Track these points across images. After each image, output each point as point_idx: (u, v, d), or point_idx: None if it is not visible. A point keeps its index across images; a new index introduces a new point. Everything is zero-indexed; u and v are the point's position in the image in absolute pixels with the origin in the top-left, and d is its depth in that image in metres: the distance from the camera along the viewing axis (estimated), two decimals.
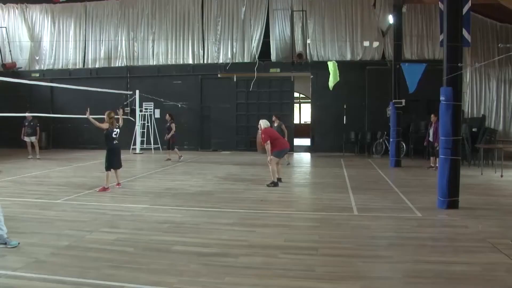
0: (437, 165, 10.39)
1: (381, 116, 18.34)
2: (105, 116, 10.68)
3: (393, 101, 15.38)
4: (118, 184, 10.92)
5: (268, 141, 11.17)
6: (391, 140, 15.65)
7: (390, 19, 17.22)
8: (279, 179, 11.58)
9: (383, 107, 18.03)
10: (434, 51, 19.73)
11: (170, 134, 16.74)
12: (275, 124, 15.23)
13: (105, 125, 10.49)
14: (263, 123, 11.57)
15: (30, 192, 10.32)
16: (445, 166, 8.32)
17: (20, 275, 4.96)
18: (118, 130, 10.69)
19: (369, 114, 19.84)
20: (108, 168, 10.56)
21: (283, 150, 11.51)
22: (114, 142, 10.61)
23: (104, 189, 10.35)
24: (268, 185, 11.13)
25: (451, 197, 8.29)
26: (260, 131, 11.74)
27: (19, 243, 5.99)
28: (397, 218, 7.64)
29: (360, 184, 11.43)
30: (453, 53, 8.35)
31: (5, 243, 5.95)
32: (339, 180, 12.13)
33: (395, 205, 8.82)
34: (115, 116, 10.78)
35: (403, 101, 15.33)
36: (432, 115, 14.20)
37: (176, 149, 16.95)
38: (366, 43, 19.80)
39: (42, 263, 5.35)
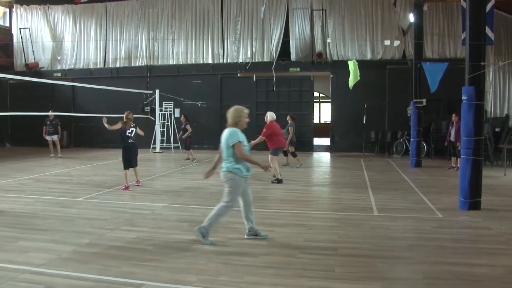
0: (458, 165, 10.28)
1: (402, 116, 18.17)
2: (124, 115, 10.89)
3: (414, 100, 15.23)
4: (138, 181, 11.12)
5: (264, 137, 11.44)
6: (411, 140, 15.50)
7: (411, 17, 17.04)
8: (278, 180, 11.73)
9: (403, 107, 17.84)
10: (456, 49, 19.48)
11: (185, 135, 16.67)
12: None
13: (117, 126, 10.78)
14: (269, 116, 11.71)
15: (52, 190, 10.49)
16: (467, 166, 8.22)
17: (43, 271, 5.06)
18: (133, 129, 10.87)
19: (389, 114, 19.67)
20: (125, 167, 10.74)
21: (280, 148, 11.79)
22: (129, 141, 10.78)
23: (126, 188, 10.53)
24: (272, 182, 11.40)
25: (473, 198, 8.19)
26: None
27: (267, 235, 6.29)
28: (417, 219, 7.57)
29: (380, 184, 11.35)
30: (476, 52, 8.24)
31: (256, 234, 6.25)
32: (359, 180, 12.05)
33: (416, 205, 8.74)
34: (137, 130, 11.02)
35: (424, 100, 15.17)
36: (454, 115, 14.03)
37: (191, 151, 16.91)
38: (387, 42, 19.61)
39: (64, 260, 5.44)
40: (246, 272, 5.01)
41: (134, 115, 11.04)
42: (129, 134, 10.76)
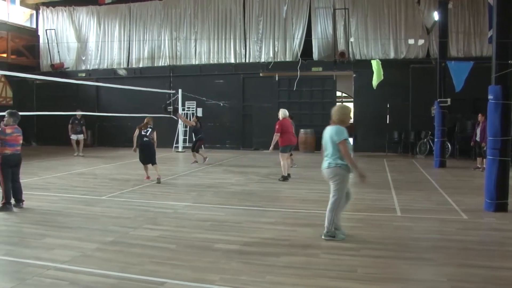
0: (484, 166, 10.10)
1: (426, 116, 17.94)
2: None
3: (438, 100, 15.02)
4: (148, 177, 11.74)
5: (279, 133, 11.53)
6: (435, 140, 15.28)
7: (435, 15, 16.79)
8: (288, 175, 11.87)
9: (427, 106, 17.63)
10: (482, 48, 19.14)
11: (182, 118, 16.50)
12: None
13: (137, 131, 11.79)
14: (282, 113, 11.76)
15: (76, 188, 10.64)
16: (493, 167, 8.08)
17: (67, 268, 5.14)
18: (149, 129, 11.74)
19: (413, 114, 19.43)
20: (143, 163, 11.76)
21: (289, 145, 11.77)
22: (144, 139, 11.66)
23: (147, 178, 11.64)
24: (279, 180, 11.54)
25: (499, 199, 8.03)
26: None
27: (345, 237, 6.32)
28: (441, 220, 7.47)
29: (403, 185, 11.23)
30: (503, 50, 8.09)
31: (333, 236, 6.28)
32: (381, 180, 11.94)
33: (440, 206, 8.62)
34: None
35: (449, 100, 14.94)
36: (480, 115, 13.78)
37: (195, 153, 15.93)
38: (411, 41, 19.37)
39: (88, 257, 5.52)
40: (267, 272, 5.01)
41: (157, 115, 11.31)
42: (144, 133, 11.66)
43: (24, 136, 8.78)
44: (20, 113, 8.77)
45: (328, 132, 6.38)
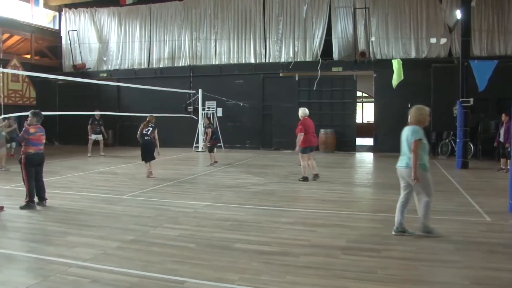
0: (508, 167, 9.93)
1: (448, 116, 17.71)
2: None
3: (461, 100, 14.82)
4: (151, 174, 12.36)
5: (302, 133, 11.33)
6: (458, 140, 15.07)
7: (458, 14, 16.57)
8: (316, 175, 11.70)
9: (449, 106, 17.41)
10: (506, 46, 18.82)
11: (207, 139, 15.63)
12: None
13: (140, 130, 12.32)
14: (301, 112, 11.69)
15: (98, 187, 10.78)
16: None
17: (89, 265, 5.22)
18: (151, 128, 12.29)
19: (434, 114, 18.90)
20: (145, 160, 12.33)
21: (309, 146, 11.57)
22: (146, 138, 12.20)
23: (150, 174, 12.26)
24: (299, 180, 11.46)
25: None
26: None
27: (414, 232, 6.49)
28: (463, 222, 7.36)
29: None
30: None
31: (404, 231, 6.47)
32: None
33: (462, 208, 8.50)
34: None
35: (471, 100, 14.71)
36: (503, 115, 13.55)
37: (211, 153, 15.61)
38: (433, 40, 19.14)
39: (109, 256, 5.58)
40: (287, 272, 5.00)
41: (177, 115, 11.42)
42: (145, 132, 12.22)
43: (47, 136, 8.92)
44: (43, 113, 8.92)
45: (405, 132, 6.70)
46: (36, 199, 8.48)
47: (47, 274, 4.92)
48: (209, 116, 17.72)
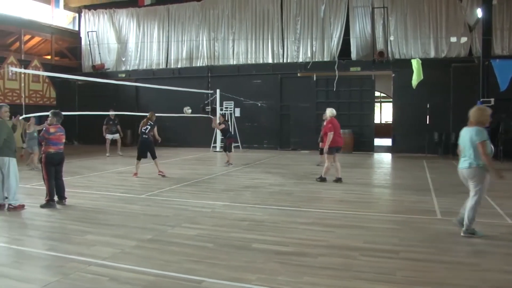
0: None
1: (468, 116, 17.41)
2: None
3: (481, 100, 14.62)
4: (160, 172, 12.54)
5: (332, 132, 11.13)
6: None
7: (479, 12, 16.36)
8: (339, 179, 11.48)
9: (469, 107, 17.00)
10: None
11: (220, 127, 16.10)
12: (325, 123, 15.01)
13: (140, 128, 12.56)
14: (329, 112, 11.55)
15: (116, 186, 10.87)
16: None
17: (108, 264, 5.26)
18: (149, 126, 12.47)
19: (454, 114, 18.92)
20: (138, 158, 12.48)
21: (335, 147, 11.40)
22: (144, 136, 12.40)
23: (135, 174, 12.41)
24: (316, 179, 11.41)
25: None
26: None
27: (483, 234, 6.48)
28: (484, 224, 7.23)
29: (444, 187, 10.95)
30: None
31: (473, 233, 6.45)
32: (421, 182, 11.70)
33: (483, 210, 8.27)
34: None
35: (492, 100, 14.52)
36: None
37: (227, 152, 15.83)
38: (453, 39, 18.91)
39: (127, 254, 5.63)
40: (304, 273, 4.98)
41: (196, 114, 11.49)
42: (144, 130, 12.39)
43: (67, 136, 9.03)
44: (63, 113, 9.03)
45: (467, 133, 6.63)
46: (56, 198, 8.59)
47: (66, 272, 4.98)
48: (224, 114, 17.65)
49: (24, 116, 11.88)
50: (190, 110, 12.90)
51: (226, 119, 16.90)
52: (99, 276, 4.87)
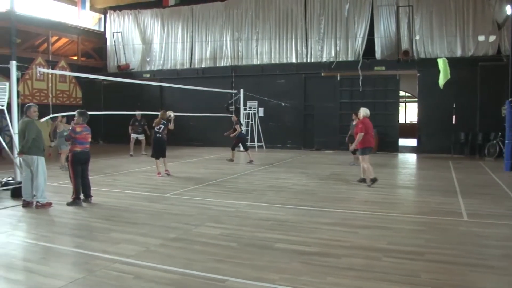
0: None
1: (495, 116, 17.12)
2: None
3: (510, 99, 14.32)
4: (166, 170, 12.80)
5: (363, 133, 10.89)
6: (506, 141, 14.56)
7: (508, 9, 16.02)
8: (363, 180, 11.33)
9: (497, 106, 16.83)
10: None
11: (233, 135, 16.30)
12: (354, 123, 14.86)
13: (155, 124, 12.81)
14: (363, 111, 11.31)
15: (141, 185, 10.99)
16: None
17: (133, 262, 5.33)
18: (162, 126, 12.74)
19: (481, 114, 18.60)
20: (153, 156, 12.70)
21: (368, 147, 11.16)
22: (158, 135, 12.66)
23: (158, 174, 12.51)
24: (368, 185, 10.92)
25: None
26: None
27: None
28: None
29: (471, 188, 10.77)
30: None
31: None
32: (447, 183, 11.52)
33: (511, 212, 8.21)
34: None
35: None
36: None
37: (234, 151, 16.48)
38: (481, 38, 18.55)
39: (152, 253, 5.69)
40: (327, 273, 4.96)
41: (219, 114, 11.55)
42: (158, 130, 12.67)
43: (92, 135, 9.16)
44: (89, 113, 9.17)
45: None
46: (82, 196, 8.73)
47: (92, 269, 5.06)
48: (235, 113, 17.64)
49: (51, 115, 12.10)
50: (173, 115, 13.20)
51: (240, 120, 16.91)
52: (124, 274, 4.94)
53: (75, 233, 6.73)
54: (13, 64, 10.06)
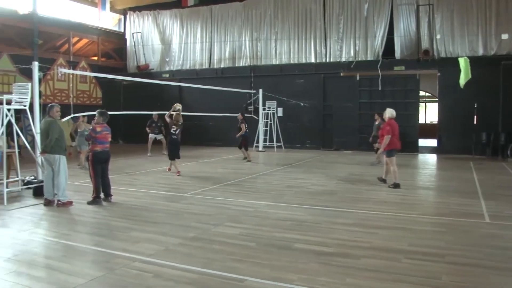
0: None
1: None
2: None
3: None
4: (169, 169, 13.32)
5: (390, 135, 10.68)
6: None
7: None
8: (384, 180, 11.20)
9: None
10: None
11: (239, 134, 16.31)
12: (376, 123, 14.73)
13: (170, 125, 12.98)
14: (389, 113, 11.06)
15: (160, 185, 11.06)
16: None
17: (152, 261, 5.36)
18: (175, 127, 12.83)
19: (503, 114, 18.30)
20: (172, 158, 12.99)
21: (394, 149, 10.96)
22: (173, 137, 12.88)
23: (178, 173, 12.74)
24: (389, 186, 10.79)
25: None
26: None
27: None
28: None
29: (493, 190, 10.60)
30: None
31: None
32: (468, 184, 11.36)
33: None
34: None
35: None
36: None
37: (243, 150, 16.51)
38: (505, 36, 18.24)
39: (171, 252, 5.71)
40: (346, 274, 4.93)
41: (237, 114, 11.48)
42: (174, 132, 12.83)
43: (112, 134, 9.24)
44: (109, 112, 9.25)
45: None
46: (102, 195, 8.82)
47: (112, 267, 5.10)
48: (242, 112, 17.56)
49: (72, 115, 12.24)
50: (180, 107, 13.28)
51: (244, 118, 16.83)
52: (144, 273, 4.97)
53: (96, 231, 6.80)
54: (35, 64, 10.22)
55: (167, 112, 13.22)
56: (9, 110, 9.24)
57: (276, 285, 4.63)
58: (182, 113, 13.19)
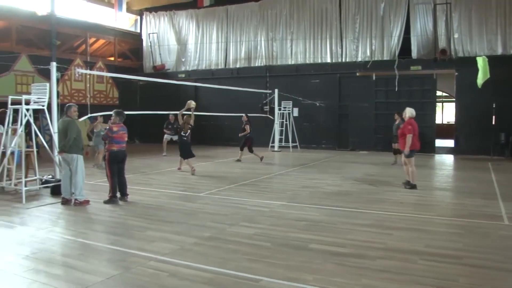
0: None
1: None
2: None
3: None
4: (179, 168, 13.63)
5: (411, 134, 10.41)
6: None
7: None
8: (408, 182, 10.84)
9: None
10: None
11: (242, 134, 16.22)
12: (396, 122, 14.58)
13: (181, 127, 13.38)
14: (409, 112, 10.80)
15: (176, 184, 11.12)
16: None
17: (167, 260, 5.39)
18: (188, 130, 13.16)
19: None
20: (185, 157, 13.31)
21: (414, 150, 10.70)
22: (184, 138, 13.17)
23: (193, 170, 12.92)
24: (405, 187, 10.66)
25: None
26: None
27: None
28: None
29: None
30: None
31: None
32: (486, 185, 11.22)
33: None
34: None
35: None
36: None
37: (257, 153, 16.20)
38: None
39: (187, 251, 5.74)
40: (362, 275, 4.90)
41: (254, 114, 11.66)
42: (184, 134, 13.12)
43: (128, 134, 9.30)
44: (125, 112, 9.33)
45: None
46: (118, 195, 8.89)
47: (128, 266, 5.14)
48: (246, 114, 17.45)
49: (89, 115, 12.36)
50: (193, 104, 13.46)
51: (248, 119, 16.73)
52: (159, 272, 4.99)
53: (112, 230, 6.86)
54: (53, 65, 10.34)
55: (179, 112, 13.32)
56: (27, 110, 9.37)
57: (291, 285, 4.62)
58: (196, 113, 13.26)
